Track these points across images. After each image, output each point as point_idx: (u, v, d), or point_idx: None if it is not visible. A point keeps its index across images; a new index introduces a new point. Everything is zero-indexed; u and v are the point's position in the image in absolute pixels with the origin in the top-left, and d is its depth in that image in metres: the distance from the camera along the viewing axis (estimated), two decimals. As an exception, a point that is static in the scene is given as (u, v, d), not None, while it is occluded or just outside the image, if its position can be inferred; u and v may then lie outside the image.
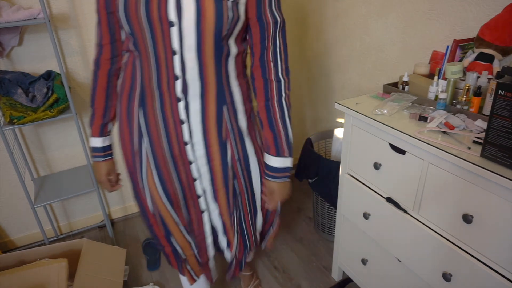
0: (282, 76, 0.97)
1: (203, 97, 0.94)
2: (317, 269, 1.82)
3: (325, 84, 2.27)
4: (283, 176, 1.04)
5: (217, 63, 0.91)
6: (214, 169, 1.05)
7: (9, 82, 1.59)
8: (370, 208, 1.36)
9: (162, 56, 0.87)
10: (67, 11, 1.75)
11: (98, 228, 2.20)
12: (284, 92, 0.98)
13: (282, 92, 0.98)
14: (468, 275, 1.03)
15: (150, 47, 0.87)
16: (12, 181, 1.92)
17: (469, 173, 0.96)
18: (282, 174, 1.03)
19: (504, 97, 0.84)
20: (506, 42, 1.16)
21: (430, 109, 1.21)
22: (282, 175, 1.03)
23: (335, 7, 2.01)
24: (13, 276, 1.36)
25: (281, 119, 0.99)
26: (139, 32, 0.85)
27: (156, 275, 1.82)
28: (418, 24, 1.55)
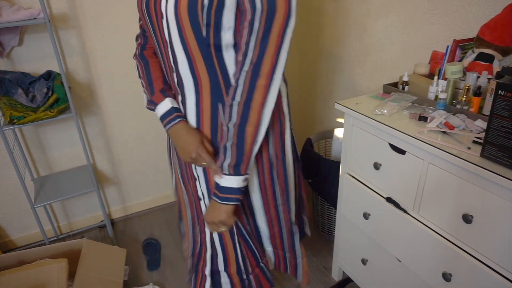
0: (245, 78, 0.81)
1: (197, 92, 0.89)
2: (317, 269, 1.82)
3: (325, 84, 2.27)
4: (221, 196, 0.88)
5: (206, 56, 0.84)
6: (208, 171, 0.98)
7: (9, 82, 1.59)
8: (370, 208, 1.36)
9: (162, 48, 0.87)
10: (67, 11, 1.75)
11: (98, 228, 2.20)
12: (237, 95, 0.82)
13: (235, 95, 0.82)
14: (468, 275, 1.03)
15: (153, 38, 0.89)
16: (12, 181, 1.92)
17: (469, 173, 0.96)
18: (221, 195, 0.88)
19: (504, 97, 0.84)
20: (506, 42, 1.16)
21: (430, 109, 1.21)
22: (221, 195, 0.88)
23: (335, 7, 2.01)
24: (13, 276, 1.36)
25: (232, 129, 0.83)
26: (145, 24, 0.89)
27: (156, 275, 1.82)
28: (418, 24, 1.55)
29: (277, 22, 0.75)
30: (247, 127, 0.81)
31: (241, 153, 0.83)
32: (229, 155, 0.84)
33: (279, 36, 0.76)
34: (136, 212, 2.34)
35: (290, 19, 0.76)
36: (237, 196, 0.88)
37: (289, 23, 0.76)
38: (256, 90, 0.79)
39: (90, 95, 1.95)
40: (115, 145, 2.12)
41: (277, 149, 1.00)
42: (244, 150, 0.83)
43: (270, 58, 0.77)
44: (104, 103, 1.99)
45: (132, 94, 2.05)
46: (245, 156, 0.84)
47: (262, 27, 0.75)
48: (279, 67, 0.79)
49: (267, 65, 0.78)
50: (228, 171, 0.85)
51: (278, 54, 0.78)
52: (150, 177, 2.30)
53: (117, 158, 2.15)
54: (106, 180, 2.17)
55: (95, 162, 2.10)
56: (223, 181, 0.86)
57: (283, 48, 0.78)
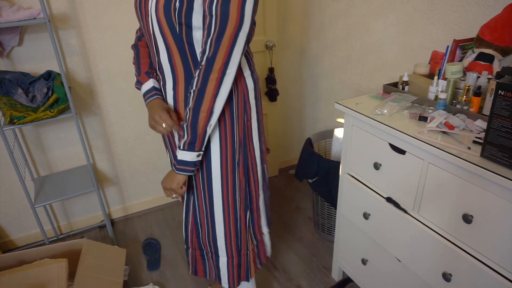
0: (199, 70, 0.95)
1: (174, 78, 1.06)
2: (317, 269, 1.82)
3: (325, 84, 2.27)
4: (177, 167, 1.04)
5: (181, 49, 1.00)
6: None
7: (9, 82, 1.59)
8: (370, 208, 1.36)
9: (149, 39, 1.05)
10: (67, 11, 1.75)
11: (98, 228, 2.20)
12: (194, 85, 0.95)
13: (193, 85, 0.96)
14: (468, 275, 1.03)
15: (144, 32, 1.06)
16: (12, 181, 1.92)
17: (469, 173, 0.96)
18: (177, 166, 1.04)
19: (504, 97, 0.84)
20: (506, 42, 1.16)
21: (430, 109, 1.21)
22: (177, 166, 1.04)
23: (335, 7, 2.01)
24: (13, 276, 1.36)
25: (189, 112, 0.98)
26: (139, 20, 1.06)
27: (156, 275, 1.82)
28: (418, 24, 1.55)
29: (229, 26, 0.89)
30: (200, 112, 0.96)
31: (195, 133, 0.99)
32: (186, 133, 1.00)
33: (231, 38, 0.90)
34: (136, 212, 2.34)
35: (243, 25, 0.90)
36: (191, 168, 1.04)
37: (241, 28, 0.90)
38: (209, 82, 0.93)
39: (90, 95, 1.95)
40: (115, 145, 2.12)
41: (241, 136, 1.14)
42: (198, 131, 0.98)
43: (222, 56, 0.91)
44: (104, 103, 1.99)
45: (132, 94, 2.04)
46: (198, 136, 0.99)
47: (216, 31, 0.89)
48: (232, 64, 0.93)
49: (219, 62, 0.91)
50: (183, 147, 1.01)
51: (229, 53, 0.91)
52: (150, 177, 2.30)
53: (117, 158, 2.15)
54: (106, 180, 2.17)
55: (95, 162, 2.10)
56: (180, 155, 1.02)
57: (235, 48, 0.92)
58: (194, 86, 0.95)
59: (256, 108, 1.16)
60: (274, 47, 2.25)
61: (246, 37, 0.93)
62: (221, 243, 1.25)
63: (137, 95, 2.06)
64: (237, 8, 0.88)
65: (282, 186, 2.56)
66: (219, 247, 1.25)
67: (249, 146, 1.18)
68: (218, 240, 1.24)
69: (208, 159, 1.12)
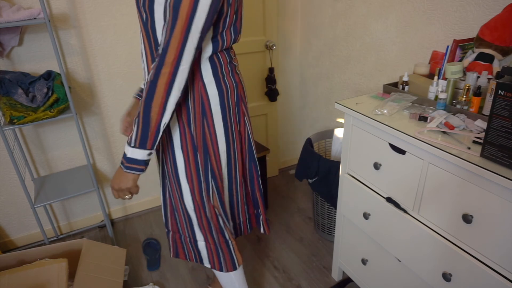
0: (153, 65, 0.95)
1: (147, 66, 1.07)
2: (317, 269, 1.82)
3: (325, 84, 2.27)
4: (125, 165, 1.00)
5: (148, 39, 1.01)
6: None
7: (9, 82, 1.59)
8: (370, 208, 1.36)
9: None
10: (67, 11, 1.75)
11: (98, 228, 2.20)
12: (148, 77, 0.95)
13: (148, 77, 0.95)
14: (468, 275, 1.03)
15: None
16: (12, 181, 1.92)
17: (469, 173, 0.96)
18: (125, 164, 1.00)
19: (504, 97, 0.84)
20: (506, 42, 1.16)
21: (430, 109, 1.21)
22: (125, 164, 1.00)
23: (335, 7, 2.01)
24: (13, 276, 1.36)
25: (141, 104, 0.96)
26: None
27: (156, 275, 1.82)
28: (418, 24, 1.55)
29: (180, 20, 0.88)
30: (152, 107, 0.93)
31: (147, 129, 0.95)
32: (136, 129, 0.96)
33: (182, 32, 0.89)
34: (136, 212, 2.34)
35: (194, 19, 0.88)
36: (141, 166, 1.00)
37: (192, 22, 0.89)
38: (161, 76, 0.91)
39: (90, 95, 1.95)
40: (115, 145, 2.12)
41: (199, 140, 1.11)
42: (150, 127, 0.95)
43: (174, 50, 0.90)
44: (104, 103, 1.99)
45: (132, 94, 2.04)
46: (150, 133, 0.95)
47: (169, 24, 0.89)
48: (185, 60, 0.92)
49: (171, 56, 0.90)
50: (134, 144, 0.97)
51: (182, 48, 0.90)
52: (150, 176, 2.30)
53: (117, 158, 2.15)
54: (106, 180, 2.17)
55: (95, 162, 2.10)
56: (130, 152, 0.98)
57: (187, 43, 0.90)
58: (148, 77, 0.93)
59: (223, 114, 1.12)
60: (274, 47, 2.25)
61: (199, 33, 0.91)
62: (196, 228, 1.25)
63: (137, 95, 2.06)
64: (188, 5, 0.87)
65: (282, 186, 2.56)
66: (195, 231, 1.26)
67: (212, 152, 1.15)
68: (194, 225, 1.25)
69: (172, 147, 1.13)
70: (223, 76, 1.10)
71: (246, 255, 1.93)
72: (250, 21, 2.17)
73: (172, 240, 1.35)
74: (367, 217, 1.38)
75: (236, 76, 1.15)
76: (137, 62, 1.99)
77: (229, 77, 1.12)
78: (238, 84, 1.16)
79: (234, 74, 1.15)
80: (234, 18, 1.04)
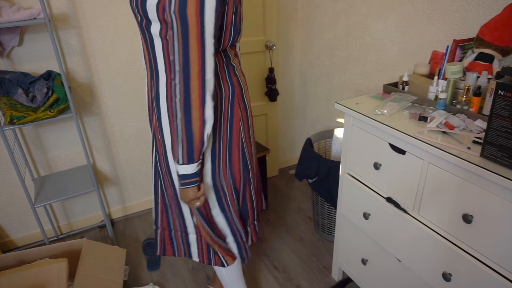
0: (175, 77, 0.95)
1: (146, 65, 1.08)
2: (317, 269, 1.82)
3: (325, 84, 2.27)
4: (182, 183, 1.03)
5: (145, 39, 1.02)
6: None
7: (9, 82, 1.59)
8: (370, 208, 1.36)
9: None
10: (67, 11, 1.75)
11: (98, 228, 2.20)
12: (177, 93, 0.94)
13: (176, 93, 0.94)
14: (468, 275, 1.03)
15: None
16: (12, 181, 1.92)
17: (469, 173, 0.96)
18: (181, 181, 1.03)
19: (504, 97, 0.84)
20: (506, 42, 1.16)
21: (430, 109, 1.21)
22: (181, 182, 1.03)
23: (335, 7, 2.01)
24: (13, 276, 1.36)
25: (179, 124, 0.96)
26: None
27: (156, 275, 1.82)
28: (418, 24, 1.55)
29: (192, 32, 0.87)
30: (192, 122, 0.94)
31: (191, 144, 0.97)
32: (181, 146, 0.97)
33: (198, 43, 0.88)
34: (136, 212, 2.34)
35: (205, 27, 0.87)
36: (195, 179, 1.03)
37: (204, 30, 0.88)
38: (192, 90, 0.91)
39: (90, 95, 1.95)
40: (115, 145, 2.12)
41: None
42: (194, 142, 0.96)
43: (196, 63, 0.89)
44: (104, 103, 1.99)
45: (132, 94, 2.05)
46: (195, 147, 0.97)
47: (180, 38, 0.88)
48: (208, 69, 0.92)
49: (195, 69, 0.90)
50: (183, 161, 0.99)
51: (203, 58, 0.90)
52: (150, 177, 2.30)
53: (117, 158, 2.15)
54: (106, 180, 2.17)
55: (95, 162, 2.10)
56: (181, 169, 1.01)
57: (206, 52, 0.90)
58: (178, 94, 0.93)
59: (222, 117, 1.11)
60: (274, 47, 2.25)
61: (212, 38, 0.90)
62: (188, 221, 1.26)
63: (137, 95, 2.06)
64: (195, 11, 0.85)
65: (282, 186, 2.56)
66: (187, 224, 1.27)
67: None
68: (185, 218, 1.25)
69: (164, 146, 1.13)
70: (219, 77, 1.08)
71: (246, 255, 1.93)
72: (250, 21, 2.18)
73: (160, 237, 1.35)
74: (367, 217, 1.38)
75: (234, 78, 1.12)
76: (137, 62, 1.99)
77: (225, 78, 1.09)
78: (235, 87, 1.13)
79: (232, 76, 1.11)
80: (233, 18, 1.02)
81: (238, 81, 1.14)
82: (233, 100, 1.13)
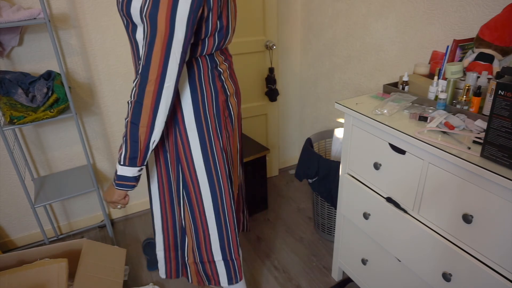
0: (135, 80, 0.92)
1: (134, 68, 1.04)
2: (317, 269, 1.82)
3: (325, 84, 2.27)
4: (117, 183, 1.02)
5: (131, 42, 0.99)
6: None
7: (9, 82, 1.59)
8: (370, 208, 1.36)
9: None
10: (67, 11, 1.75)
11: (98, 228, 2.20)
12: (131, 95, 0.91)
13: (131, 94, 0.92)
14: (468, 275, 1.03)
15: None
16: (12, 181, 1.92)
17: (469, 173, 0.96)
18: (116, 181, 1.02)
19: (504, 97, 0.84)
20: (506, 42, 1.16)
21: (430, 109, 1.21)
22: (116, 182, 1.02)
23: (335, 7, 2.01)
24: (13, 276, 1.36)
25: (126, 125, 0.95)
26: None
27: (156, 275, 1.82)
28: (418, 24, 1.55)
29: (159, 36, 0.83)
30: (139, 127, 0.91)
31: (136, 148, 0.93)
32: (125, 147, 0.94)
33: (162, 48, 0.84)
34: (136, 212, 2.34)
35: (174, 34, 0.84)
36: (132, 183, 1.01)
37: (172, 37, 0.84)
38: (145, 95, 0.88)
39: (90, 95, 1.95)
40: (115, 145, 2.12)
41: (172, 151, 1.08)
42: (139, 146, 0.93)
43: (156, 68, 0.85)
44: (104, 103, 1.99)
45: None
46: (140, 151, 0.94)
47: (147, 40, 0.85)
48: (169, 77, 0.87)
49: (154, 74, 0.86)
50: (124, 162, 0.96)
51: (164, 65, 0.86)
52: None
53: (117, 158, 2.15)
54: (106, 180, 2.17)
55: (95, 162, 2.10)
56: (120, 170, 0.98)
57: (170, 59, 0.86)
58: (132, 97, 0.90)
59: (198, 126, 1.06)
60: (274, 47, 2.25)
61: (181, 47, 0.86)
62: (159, 236, 1.28)
63: (137, 95, 2.06)
64: (166, 14, 0.81)
65: (282, 186, 2.56)
66: (157, 240, 1.29)
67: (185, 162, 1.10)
68: (156, 231, 1.28)
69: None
70: (201, 83, 1.02)
71: (246, 255, 1.93)
72: (250, 21, 2.18)
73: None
74: (367, 217, 1.38)
75: (218, 83, 1.06)
76: (137, 62, 2.00)
77: (208, 84, 1.03)
78: (220, 92, 1.06)
79: (217, 81, 1.06)
80: (219, 25, 0.97)
81: (223, 87, 1.08)
82: (218, 106, 1.08)
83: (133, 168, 0.97)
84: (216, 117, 1.07)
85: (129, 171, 0.98)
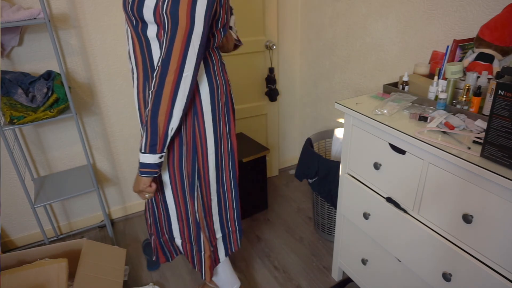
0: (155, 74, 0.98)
1: (137, 68, 1.09)
2: (317, 269, 1.82)
3: (325, 84, 2.27)
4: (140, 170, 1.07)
5: (140, 42, 1.04)
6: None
7: (9, 82, 1.59)
8: (370, 208, 1.36)
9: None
10: (67, 11, 1.75)
11: (98, 228, 2.20)
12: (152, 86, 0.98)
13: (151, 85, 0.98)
14: (468, 275, 1.03)
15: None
16: (12, 181, 1.92)
17: (469, 173, 0.96)
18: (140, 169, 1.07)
19: (504, 97, 0.84)
20: (506, 42, 1.16)
21: (430, 109, 1.21)
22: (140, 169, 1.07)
23: (335, 7, 2.01)
24: (13, 276, 1.36)
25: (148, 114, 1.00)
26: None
27: (156, 275, 1.82)
28: (418, 24, 1.55)
29: (180, 29, 0.90)
30: (159, 115, 0.98)
31: (155, 136, 1.00)
32: (145, 136, 1.01)
33: (183, 41, 0.92)
34: (136, 212, 2.34)
35: (194, 27, 0.91)
36: (155, 169, 1.06)
37: (193, 30, 0.91)
38: (165, 85, 0.95)
39: (90, 95, 1.95)
40: (115, 145, 2.12)
41: (189, 138, 1.13)
42: (158, 133, 1.00)
43: (176, 59, 0.92)
44: (104, 103, 1.99)
45: (132, 94, 2.04)
46: (159, 138, 1.00)
47: (169, 34, 0.91)
48: (188, 67, 0.94)
49: (174, 64, 0.93)
50: (144, 150, 1.02)
51: (184, 56, 0.93)
52: (150, 177, 2.30)
53: (117, 158, 2.15)
54: (106, 180, 2.17)
55: (95, 162, 2.10)
56: (142, 158, 1.04)
57: (189, 51, 0.93)
58: (152, 87, 0.97)
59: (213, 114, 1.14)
60: (274, 47, 2.25)
61: (200, 39, 0.93)
62: (174, 225, 1.29)
63: (137, 95, 2.06)
64: (186, 10, 0.89)
65: (282, 186, 2.56)
66: (173, 229, 1.30)
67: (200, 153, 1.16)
68: (172, 222, 1.29)
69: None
70: (215, 74, 1.11)
71: (246, 255, 1.93)
72: (250, 21, 2.18)
73: (153, 244, 1.38)
74: (367, 217, 1.38)
75: (225, 75, 1.17)
76: (137, 62, 2.00)
77: (220, 75, 1.13)
78: (227, 83, 1.17)
79: (224, 73, 1.16)
80: (226, 19, 1.06)
81: (228, 80, 1.19)
82: (227, 96, 1.17)
83: (154, 155, 1.03)
84: (225, 106, 1.17)
85: (151, 158, 1.04)
